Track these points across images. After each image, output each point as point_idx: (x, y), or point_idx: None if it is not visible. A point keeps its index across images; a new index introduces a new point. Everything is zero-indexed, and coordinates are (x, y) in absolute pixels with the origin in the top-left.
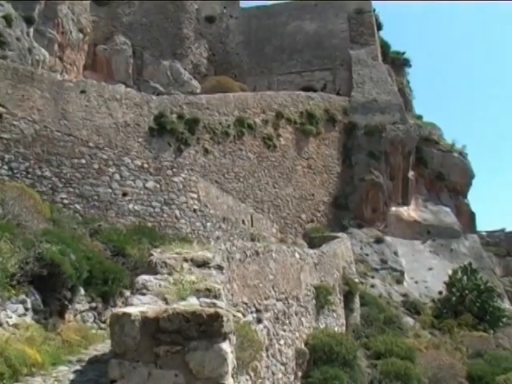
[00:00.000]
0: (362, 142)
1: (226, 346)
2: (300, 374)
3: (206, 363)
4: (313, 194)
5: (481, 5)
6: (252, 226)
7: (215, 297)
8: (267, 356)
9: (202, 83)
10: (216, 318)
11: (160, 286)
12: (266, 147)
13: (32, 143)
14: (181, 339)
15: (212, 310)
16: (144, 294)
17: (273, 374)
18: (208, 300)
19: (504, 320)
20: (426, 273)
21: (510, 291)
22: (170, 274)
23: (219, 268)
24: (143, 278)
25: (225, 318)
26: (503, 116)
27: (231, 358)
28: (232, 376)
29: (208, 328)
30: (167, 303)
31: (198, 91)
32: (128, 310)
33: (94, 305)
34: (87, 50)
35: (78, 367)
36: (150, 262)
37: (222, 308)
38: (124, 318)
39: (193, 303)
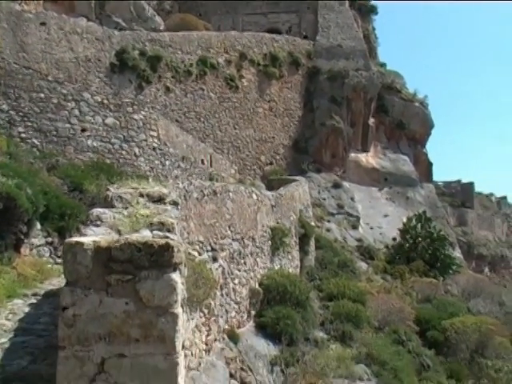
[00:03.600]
0: (324, 87)
1: (175, 276)
2: (253, 312)
3: (155, 292)
4: (273, 137)
5: None
6: (211, 166)
7: (168, 230)
8: (221, 294)
9: (166, 20)
10: (167, 248)
11: (114, 218)
12: (227, 88)
13: None
14: (132, 268)
15: (163, 241)
16: (98, 226)
17: (226, 312)
18: (161, 233)
19: (454, 268)
20: (382, 219)
21: (461, 240)
22: (125, 208)
23: (174, 204)
24: (98, 211)
25: (175, 249)
26: (466, 68)
27: (181, 288)
28: (182, 306)
29: (159, 258)
30: (120, 234)
31: (162, 28)
32: (81, 239)
33: (50, 240)
34: None
35: (33, 301)
36: (106, 196)
37: (173, 240)
38: (77, 247)
39: (145, 235)
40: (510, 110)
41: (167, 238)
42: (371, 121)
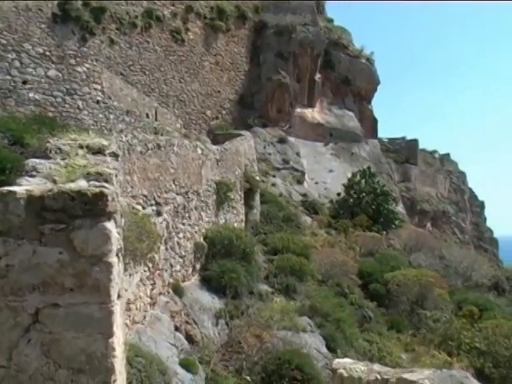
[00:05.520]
0: (271, 42)
1: (110, 225)
2: (198, 266)
3: (89, 241)
4: (219, 91)
5: None
6: (156, 120)
7: (106, 181)
8: (166, 248)
9: None
10: (101, 197)
11: (50, 168)
12: (173, 41)
13: None
14: (66, 218)
15: (97, 190)
16: (33, 176)
17: (171, 266)
18: (98, 183)
19: (396, 222)
20: (326, 174)
21: (405, 196)
22: (63, 159)
23: (114, 155)
24: (34, 161)
25: (110, 198)
26: (414, 27)
27: (116, 238)
28: (117, 256)
29: (93, 207)
30: (56, 184)
31: None
32: (13, 188)
33: None
34: None
35: None
36: (45, 149)
37: (108, 189)
38: (9, 196)
39: (81, 185)
40: (455, 68)
41: (103, 187)
42: (317, 76)
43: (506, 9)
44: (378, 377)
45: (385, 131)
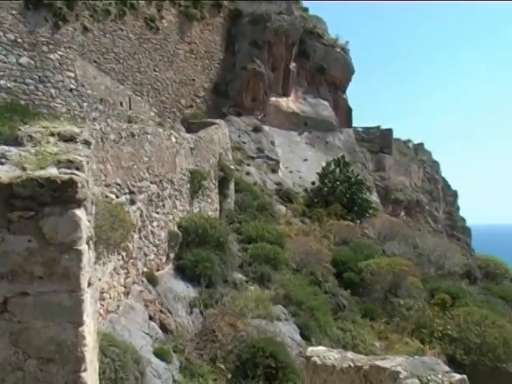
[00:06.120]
0: (246, 30)
1: (80, 213)
2: (172, 255)
3: (59, 229)
4: (193, 80)
5: None
6: (130, 108)
7: (77, 168)
8: (140, 237)
9: None
10: (70, 184)
11: (20, 156)
12: (147, 29)
13: None
14: (35, 205)
15: (67, 177)
16: (3, 164)
17: (145, 255)
18: (68, 171)
19: (370, 211)
20: (301, 163)
21: (379, 185)
22: (34, 146)
23: (86, 143)
24: (3, 148)
25: (80, 185)
26: (391, 20)
27: (86, 225)
28: (88, 244)
29: (62, 194)
30: (25, 172)
31: None
32: None
33: None
34: None
35: None
36: (16, 136)
37: (78, 176)
38: None
39: (51, 172)
40: (430, 59)
41: (73, 174)
42: (292, 65)
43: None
44: (352, 364)
45: (359, 121)
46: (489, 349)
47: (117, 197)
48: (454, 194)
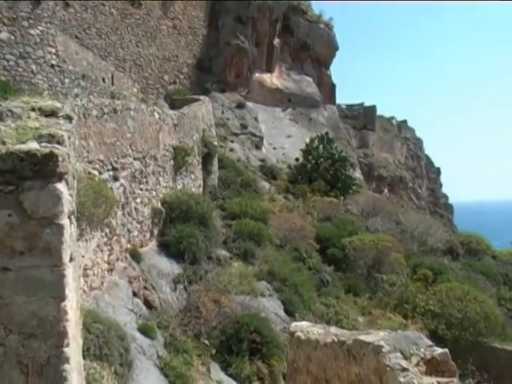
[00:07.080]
0: (229, 6)
1: (61, 186)
2: (156, 232)
3: (40, 203)
4: (177, 56)
5: None
6: (112, 84)
7: (58, 143)
8: (123, 214)
9: None
10: (51, 157)
11: (0, 130)
12: (130, 4)
13: None
14: (15, 179)
15: (47, 150)
16: None
17: (129, 231)
18: (50, 145)
19: (354, 188)
20: (285, 140)
21: (362, 162)
22: (14, 121)
23: (68, 118)
24: None
25: (60, 158)
26: None
27: (67, 199)
28: (69, 218)
29: (43, 168)
30: (5, 146)
31: None
32: None
33: None
34: None
35: None
36: None
37: (58, 149)
38: None
39: (32, 146)
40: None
41: (53, 148)
42: (276, 41)
43: None
44: (335, 339)
45: (343, 97)
46: (470, 323)
47: (100, 173)
48: (437, 171)
